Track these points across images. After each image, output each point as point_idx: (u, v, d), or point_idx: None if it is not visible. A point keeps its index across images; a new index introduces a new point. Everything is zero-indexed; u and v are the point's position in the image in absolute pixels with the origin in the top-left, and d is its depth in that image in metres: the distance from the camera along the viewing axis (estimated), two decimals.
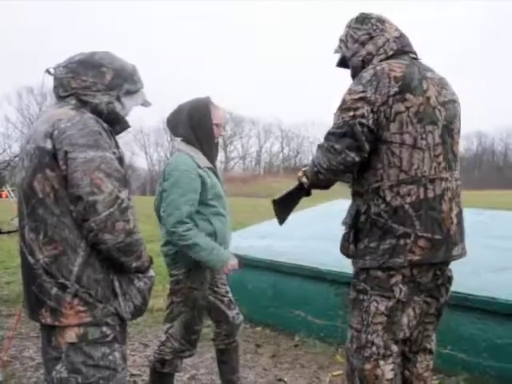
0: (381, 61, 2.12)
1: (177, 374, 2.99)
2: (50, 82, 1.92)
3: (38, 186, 1.74)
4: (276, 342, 4.14)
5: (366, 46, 2.16)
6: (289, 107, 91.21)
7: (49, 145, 1.73)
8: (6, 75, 70.17)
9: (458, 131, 2.19)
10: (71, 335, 1.75)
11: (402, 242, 2.02)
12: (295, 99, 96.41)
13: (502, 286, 3.28)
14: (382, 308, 2.08)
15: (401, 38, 2.18)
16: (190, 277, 2.74)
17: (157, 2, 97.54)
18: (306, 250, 4.65)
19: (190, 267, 2.73)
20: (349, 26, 2.24)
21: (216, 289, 2.97)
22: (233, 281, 3.10)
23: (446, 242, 2.06)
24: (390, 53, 2.14)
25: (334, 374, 3.50)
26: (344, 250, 2.21)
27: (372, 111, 2.00)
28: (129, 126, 1.99)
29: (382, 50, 2.14)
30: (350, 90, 2.07)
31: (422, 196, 2.02)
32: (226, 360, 3.08)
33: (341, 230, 2.24)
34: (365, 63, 2.16)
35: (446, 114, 2.10)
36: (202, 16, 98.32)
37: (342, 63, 2.32)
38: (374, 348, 2.10)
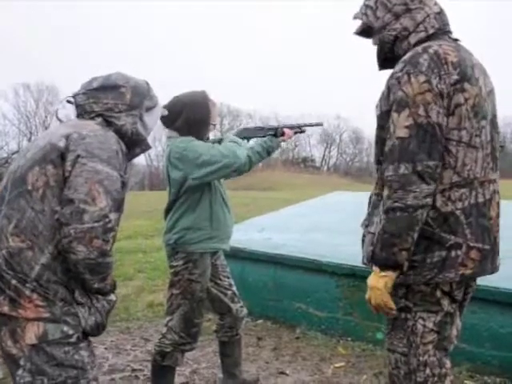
0: (420, 40, 1.81)
1: (178, 368, 2.98)
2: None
3: (31, 177, 1.73)
4: (277, 335, 4.13)
5: (402, 20, 1.83)
6: (286, 100, 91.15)
7: (62, 143, 1.73)
8: (2, 72, 69.86)
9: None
10: (30, 336, 1.69)
11: (453, 253, 1.75)
12: (292, 92, 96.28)
13: (504, 276, 3.25)
14: (430, 325, 1.83)
15: (441, 14, 1.86)
16: (189, 268, 2.73)
17: None
18: (305, 242, 4.64)
19: (188, 258, 2.73)
20: None
21: (219, 281, 2.96)
22: (233, 274, 3.09)
23: (493, 251, 1.83)
24: (431, 31, 1.82)
25: (336, 365, 3.49)
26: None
27: (443, 106, 1.69)
28: (150, 148, 2.02)
29: (421, 27, 1.82)
30: (407, 80, 1.70)
31: (472, 201, 1.77)
32: (229, 353, 3.08)
33: (355, 229, 2.02)
34: (397, 40, 1.85)
35: (491, 106, 1.85)
36: (201, 12, 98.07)
37: (363, 31, 1.99)
38: (428, 370, 1.84)
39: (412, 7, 1.83)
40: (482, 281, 3.19)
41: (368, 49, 2.12)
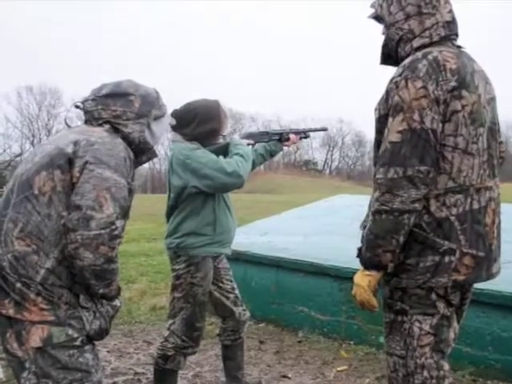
0: (423, 45, 1.82)
1: (181, 371, 2.99)
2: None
3: (38, 182, 1.73)
4: (280, 339, 4.13)
5: (410, 21, 1.83)
6: (288, 103, 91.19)
7: (70, 149, 1.75)
8: (5, 74, 70.15)
9: (499, 133, 1.94)
10: (35, 339, 1.70)
11: (446, 259, 1.76)
12: (295, 94, 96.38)
13: (508, 279, 3.25)
14: (426, 327, 1.82)
15: (451, 24, 1.86)
16: (191, 272, 2.73)
17: None
18: (308, 245, 4.64)
19: (190, 262, 2.73)
20: None
21: (221, 285, 2.97)
22: (235, 277, 3.09)
23: (488, 259, 1.83)
24: (435, 39, 1.83)
25: (339, 369, 3.48)
26: None
27: (439, 112, 1.70)
28: (156, 156, 2.04)
29: (427, 33, 1.83)
30: (404, 85, 1.72)
31: (467, 207, 1.77)
32: (231, 356, 3.08)
33: (358, 232, 2.00)
34: (401, 40, 1.87)
35: (491, 113, 1.85)
36: (201, 12, 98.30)
37: (376, 17, 1.99)
38: (426, 372, 1.83)
39: (424, 11, 1.83)
40: (486, 285, 3.19)
41: (369, 51, 2.12)
